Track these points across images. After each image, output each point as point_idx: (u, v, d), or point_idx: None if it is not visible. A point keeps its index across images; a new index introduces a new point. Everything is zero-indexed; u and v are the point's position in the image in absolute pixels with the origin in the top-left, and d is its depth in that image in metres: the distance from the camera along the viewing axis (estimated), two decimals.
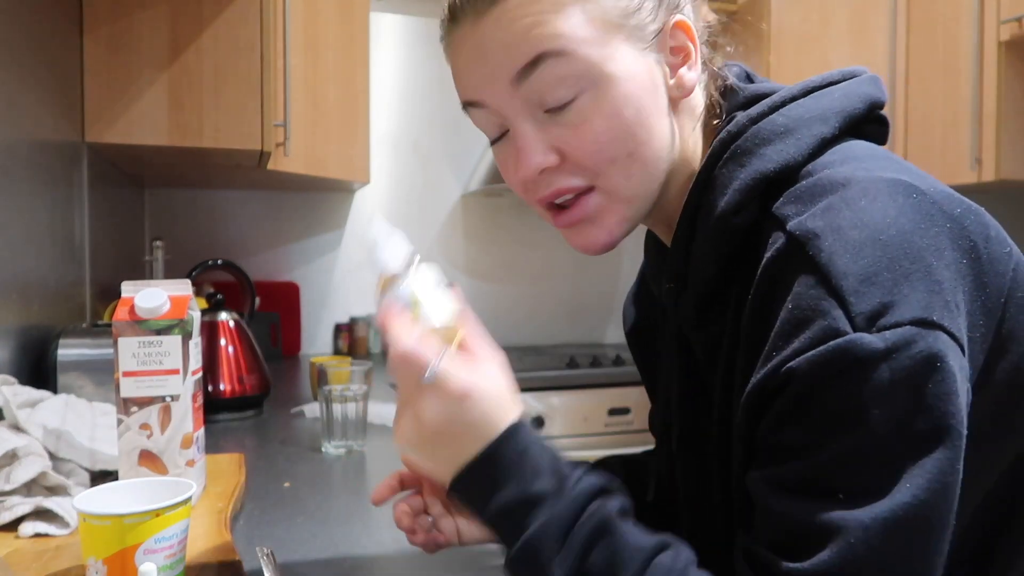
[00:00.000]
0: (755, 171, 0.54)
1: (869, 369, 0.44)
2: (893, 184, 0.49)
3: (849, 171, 0.51)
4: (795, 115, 0.56)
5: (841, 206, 0.48)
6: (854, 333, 0.45)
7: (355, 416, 1.22)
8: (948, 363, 0.45)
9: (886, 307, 0.45)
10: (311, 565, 0.76)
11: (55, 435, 0.86)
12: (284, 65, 1.92)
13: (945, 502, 0.45)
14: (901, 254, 0.46)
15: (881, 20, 2.60)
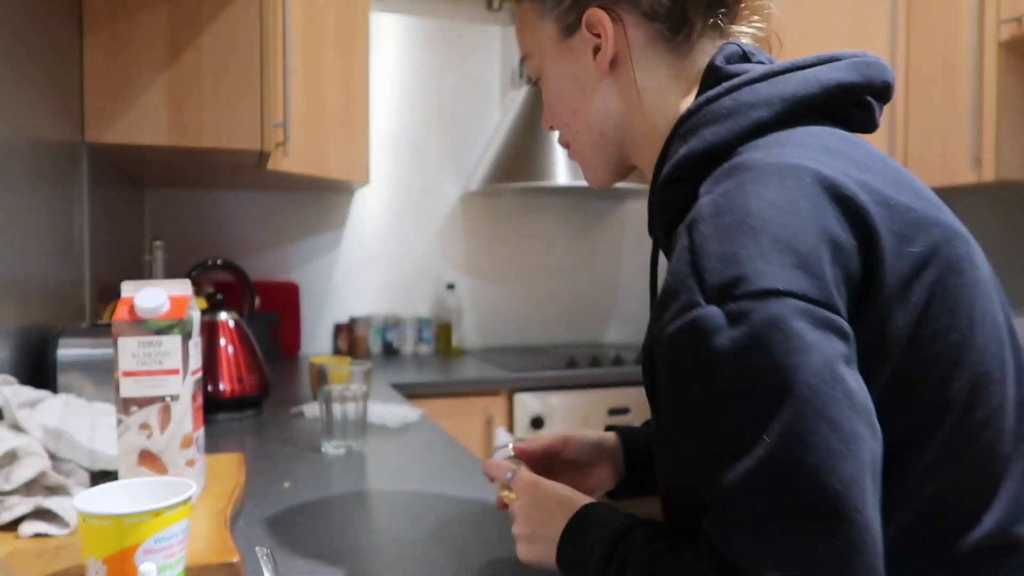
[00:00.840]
0: (689, 149, 0.60)
1: (715, 341, 0.49)
2: (788, 168, 0.53)
3: (761, 156, 0.55)
4: (742, 99, 0.60)
5: (734, 190, 0.53)
6: (705, 306, 0.50)
7: (355, 416, 1.22)
8: (792, 324, 0.48)
9: (737, 281, 0.49)
10: (311, 565, 0.76)
11: (55, 435, 0.86)
12: (284, 65, 1.92)
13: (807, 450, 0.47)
14: (764, 234, 0.50)
15: (881, 20, 2.60)
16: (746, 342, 0.48)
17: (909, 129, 2.56)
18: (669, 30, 0.66)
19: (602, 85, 0.69)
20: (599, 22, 0.67)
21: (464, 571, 0.74)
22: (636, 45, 0.67)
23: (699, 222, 0.53)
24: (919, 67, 2.51)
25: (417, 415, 1.48)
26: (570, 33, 0.69)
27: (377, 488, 1.03)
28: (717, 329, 0.49)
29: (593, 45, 0.68)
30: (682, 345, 0.51)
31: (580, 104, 0.71)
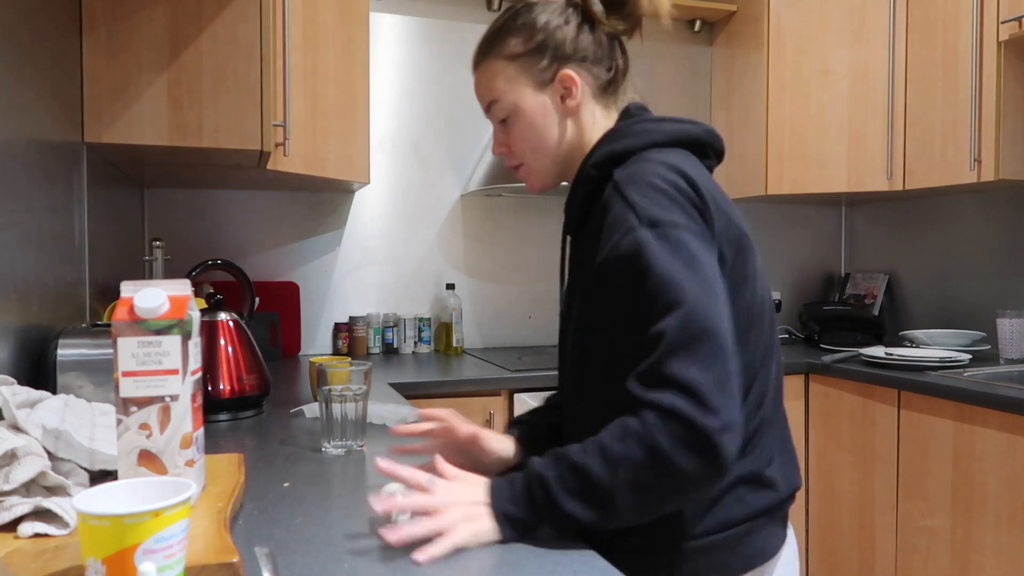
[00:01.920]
0: (610, 149, 0.96)
1: (651, 245, 0.82)
2: (669, 165, 0.90)
3: (654, 155, 0.92)
4: (646, 128, 0.97)
5: (637, 168, 0.90)
6: (640, 230, 0.84)
7: (354, 416, 1.22)
8: (688, 236, 0.83)
9: (655, 216, 0.84)
10: (310, 565, 0.76)
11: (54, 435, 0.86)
12: (284, 65, 1.92)
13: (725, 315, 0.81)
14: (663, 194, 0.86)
15: (880, 20, 2.60)
16: (669, 248, 0.82)
17: (908, 129, 2.56)
18: (604, 91, 1.02)
19: (566, 122, 1.01)
20: (570, 79, 0.99)
21: (465, 570, 0.74)
22: (586, 96, 1.01)
23: (622, 184, 0.89)
24: (918, 67, 2.51)
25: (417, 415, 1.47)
26: (543, 85, 1.00)
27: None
28: (648, 240, 0.83)
29: (561, 94, 1.00)
30: (633, 252, 0.83)
31: (548, 135, 1.01)
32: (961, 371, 2.16)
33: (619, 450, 0.76)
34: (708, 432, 0.74)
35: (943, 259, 2.84)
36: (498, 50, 1.01)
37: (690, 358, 0.76)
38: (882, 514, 2.22)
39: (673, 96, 3.05)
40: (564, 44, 0.99)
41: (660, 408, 0.75)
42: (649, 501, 0.77)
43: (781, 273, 3.22)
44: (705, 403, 0.75)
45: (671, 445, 0.74)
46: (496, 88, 1.01)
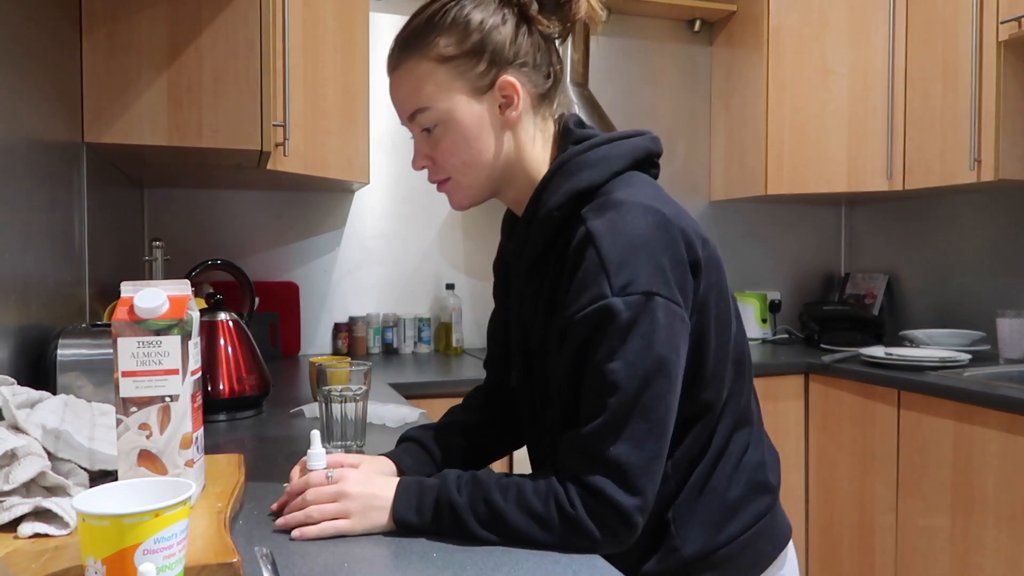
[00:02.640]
0: (572, 187, 0.88)
1: (618, 319, 0.79)
2: (645, 207, 0.84)
3: (624, 195, 0.85)
4: (601, 154, 0.90)
5: (616, 218, 0.83)
6: (612, 297, 0.80)
7: (354, 416, 1.22)
8: (656, 307, 0.80)
9: (629, 283, 0.80)
10: (310, 565, 0.76)
11: (54, 435, 0.86)
12: (283, 65, 1.92)
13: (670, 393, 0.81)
14: (642, 251, 0.81)
15: (880, 20, 2.60)
16: (635, 319, 0.79)
17: (908, 129, 2.56)
18: (541, 102, 0.93)
19: (504, 135, 0.91)
20: (511, 86, 0.89)
21: (464, 570, 0.74)
22: (526, 106, 0.91)
23: (599, 238, 0.82)
24: (918, 67, 2.51)
25: (417, 415, 1.48)
26: (482, 94, 0.89)
27: None
28: (619, 313, 0.79)
29: (500, 104, 0.90)
30: (597, 320, 0.80)
31: (484, 148, 0.91)
32: (961, 371, 2.16)
33: (539, 509, 0.80)
34: (628, 513, 0.78)
35: (943, 259, 2.84)
36: (425, 50, 0.88)
37: (623, 439, 0.79)
38: (882, 514, 2.22)
39: (673, 96, 3.05)
40: (504, 47, 0.88)
41: (587, 487, 0.79)
42: (553, 548, 0.80)
43: (781, 273, 3.22)
44: (629, 485, 0.79)
45: (589, 519, 0.78)
46: (424, 94, 0.89)
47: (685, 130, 3.08)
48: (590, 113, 2.60)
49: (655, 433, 0.80)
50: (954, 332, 2.55)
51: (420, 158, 0.94)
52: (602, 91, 2.89)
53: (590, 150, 0.90)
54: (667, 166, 3.05)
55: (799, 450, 2.50)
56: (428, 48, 0.88)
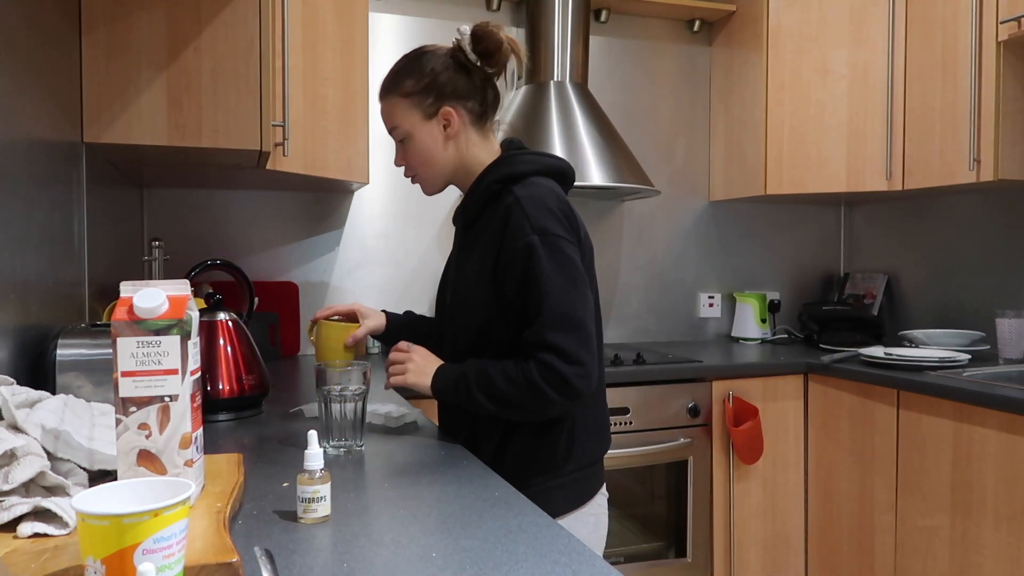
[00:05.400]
0: (507, 171, 1.29)
1: (538, 248, 1.18)
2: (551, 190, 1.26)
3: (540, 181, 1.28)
4: (530, 159, 1.31)
5: (535, 192, 1.24)
6: (532, 235, 1.19)
7: (354, 416, 1.22)
8: (563, 243, 1.20)
9: (543, 227, 1.20)
10: (309, 565, 0.76)
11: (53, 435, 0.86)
12: (283, 65, 1.92)
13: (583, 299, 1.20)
14: (550, 213, 1.21)
15: (879, 20, 2.60)
16: (549, 252, 1.18)
17: (907, 129, 2.56)
18: (479, 121, 1.33)
19: (448, 146, 1.32)
20: (449, 113, 1.30)
21: (463, 569, 0.74)
22: (464, 124, 1.31)
23: (524, 201, 1.22)
24: (917, 67, 2.52)
25: (416, 415, 1.48)
26: (430, 117, 1.30)
27: (376, 488, 1.03)
28: (537, 245, 1.18)
29: (443, 124, 1.30)
30: (526, 250, 1.19)
31: (435, 155, 1.32)
32: (960, 371, 2.16)
33: (512, 374, 1.19)
34: (569, 378, 1.16)
35: (942, 259, 2.85)
36: (397, 88, 1.30)
37: (558, 329, 1.16)
38: (881, 514, 2.22)
39: (672, 96, 3.06)
40: (445, 86, 1.29)
41: (540, 361, 1.17)
42: (524, 410, 1.20)
43: (780, 273, 3.22)
44: (569, 358, 1.16)
45: (543, 383, 1.16)
46: (395, 118, 1.31)
47: (684, 130, 3.08)
48: (590, 113, 2.60)
49: (579, 324, 1.17)
50: (953, 332, 2.55)
51: (397, 159, 1.37)
52: (602, 91, 2.89)
53: (524, 154, 1.32)
54: (666, 166, 3.05)
55: (798, 450, 2.50)
56: (399, 87, 1.30)
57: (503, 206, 1.25)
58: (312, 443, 0.92)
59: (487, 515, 0.91)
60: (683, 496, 2.39)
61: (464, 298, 1.30)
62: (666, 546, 2.40)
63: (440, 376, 1.26)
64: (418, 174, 1.35)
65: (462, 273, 1.31)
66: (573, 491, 1.29)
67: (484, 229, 1.28)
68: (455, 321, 1.32)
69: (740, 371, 2.43)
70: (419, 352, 1.30)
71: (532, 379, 1.16)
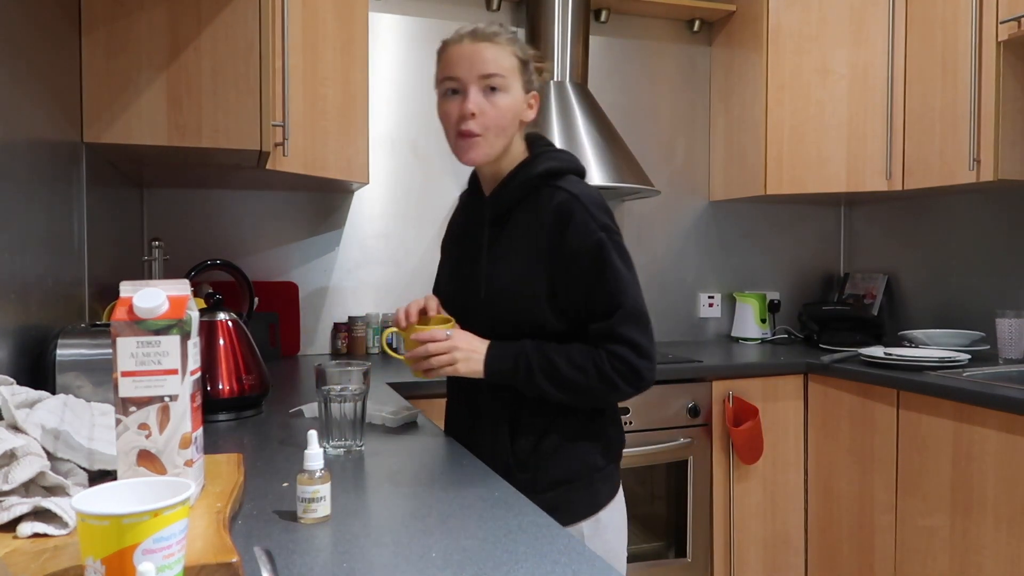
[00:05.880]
0: (547, 166, 1.27)
1: (607, 245, 1.20)
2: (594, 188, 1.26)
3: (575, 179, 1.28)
4: (563, 157, 1.31)
5: (586, 189, 1.25)
6: (600, 233, 1.20)
7: (353, 416, 1.22)
8: (620, 239, 1.23)
9: (606, 224, 1.22)
10: (309, 565, 0.76)
11: (53, 435, 0.86)
12: (283, 65, 1.92)
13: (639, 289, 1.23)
14: (604, 210, 1.24)
15: (879, 20, 2.60)
16: (618, 249, 1.22)
17: (907, 129, 2.56)
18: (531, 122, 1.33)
19: (515, 125, 1.28)
20: (536, 100, 1.31)
21: (463, 569, 0.74)
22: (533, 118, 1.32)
23: (584, 199, 1.22)
24: (917, 67, 2.52)
25: (416, 415, 1.48)
26: (526, 92, 1.29)
27: (376, 487, 1.03)
28: (606, 242, 1.20)
29: (528, 103, 1.30)
30: (597, 246, 1.20)
31: (507, 125, 1.26)
32: (960, 371, 2.16)
33: (580, 361, 1.20)
34: (640, 369, 1.20)
35: (942, 259, 2.85)
36: (512, 46, 1.26)
37: (633, 323, 1.20)
38: (881, 514, 2.22)
39: (672, 96, 3.06)
40: (535, 78, 1.31)
41: (613, 353, 1.20)
42: (587, 397, 1.22)
43: (780, 273, 3.22)
44: (642, 351, 1.20)
45: (614, 374, 1.20)
46: (504, 67, 1.24)
47: (684, 130, 3.08)
48: (590, 113, 2.60)
49: (648, 324, 1.22)
50: (953, 332, 2.55)
51: (473, 105, 1.23)
52: (602, 91, 2.89)
53: (558, 151, 1.33)
54: (666, 166, 3.05)
55: (798, 450, 2.50)
56: (508, 45, 1.26)
57: (552, 200, 1.23)
58: (312, 443, 0.92)
59: (487, 515, 0.91)
60: (683, 496, 2.39)
61: (508, 293, 1.25)
62: (666, 546, 2.40)
63: (494, 357, 1.22)
64: (484, 134, 1.24)
65: (507, 266, 1.26)
66: (611, 482, 1.30)
67: (527, 222, 1.25)
68: (491, 315, 1.27)
69: (740, 371, 2.43)
70: (460, 337, 1.23)
71: (604, 370, 1.19)
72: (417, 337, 1.22)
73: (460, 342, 1.22)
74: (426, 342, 1.22)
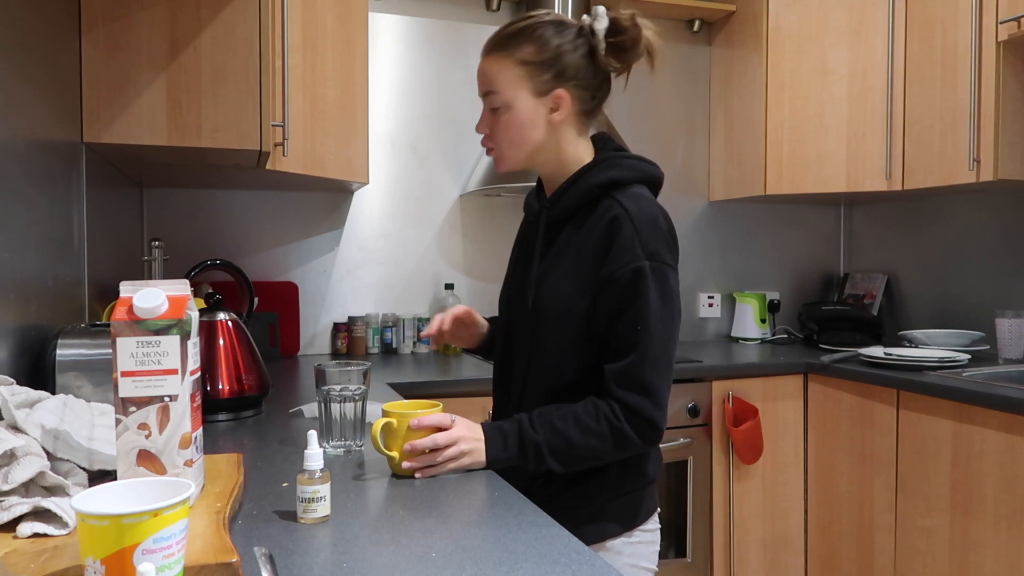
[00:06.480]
0: (608, 175, 1.18)
1: (647, 275, 1.09)
2: (658, 206, 1.17)
3: (641, 192, 1.18)
4: (631, 164, 1.20)
5: (644, 207, 1.14)
6: (643, 261, 1.10)
7: (353, 416, 1.22)
8: (669, 272, 1.12)
9: (655, 252, 1.11)
10: (309, 565, 0.76)
11: (53, 435, 0.86)
12: (283, 65, 1.92)
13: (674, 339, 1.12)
14: (659, 234, 1.12)
15: (879, 20, 2.60)
16: (658, 282, 1.10)
17: (907, 129, 2.56)
18: (586, 114, 1.21)
19: (546, 129, 1.19)
20: (561, 97, 1.17)
21: (463, 569, 0.74)
22: (570, 114, 1.18)
23: (636, 218, 1.12)
24: (917, 67, 2.52)
25: None
26: (540, 95, 1.17)
27: (376, 487, 1.03)
28: (647, 272, 1.09)
29: (551, 107, 1.17)
30: (634, 274, 1.09)
31: (530, 136, 1.18)
32: (960, 371, 2.16)
33: (592, 425, 1.09)
34: (658, 424, 1.10)
35: (942, 259, 2.85)
36: (511, 50, 1.16)
37: (655, 370, 1.09)
38: (881, 514, 2.22)
39: (672, 96, 3.06)
40: (568, 67, 1.16)
41: (627, 405, 1.09)
42: (601, 459, 1.12)
43: (780, 273, 3.22)
44: (658, 403, 1.09)
45: (631, 429, 1.09)
46: (498, 82, 1.17)
47: (684, 130, 3.08)
48: None
49: (669, 370, 1.11)
50: (953, 332, 2.55)
51: (482, 125, 1.22)
52: None
53: (624, 158, 1.21)
54: (666, 166, 3.05)
55: (798, 450, 2.50)
56: (515, 50, 1.16)
57: (607, 214, 1.13)
58: (312, 443, 0.92)
59: (487, 515, 0.91)
60: (683, 496, 2.39)
61: (553, 310, 1.17)
62: (666, 546, 2.40)
63: (496, 447, 1.10)
64: (501, 149, 1.20)
65: (554, 278, 1.18)
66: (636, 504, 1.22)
67: (580, 234, 1.17)
68: (534, 329, 1.19)
69: (740, 371, 2.43)
70: (460, 426, 1.10)
71: (622, 431, 1.08)
72: (420, 423, 1.06)
73: (463, 431, 1.09)
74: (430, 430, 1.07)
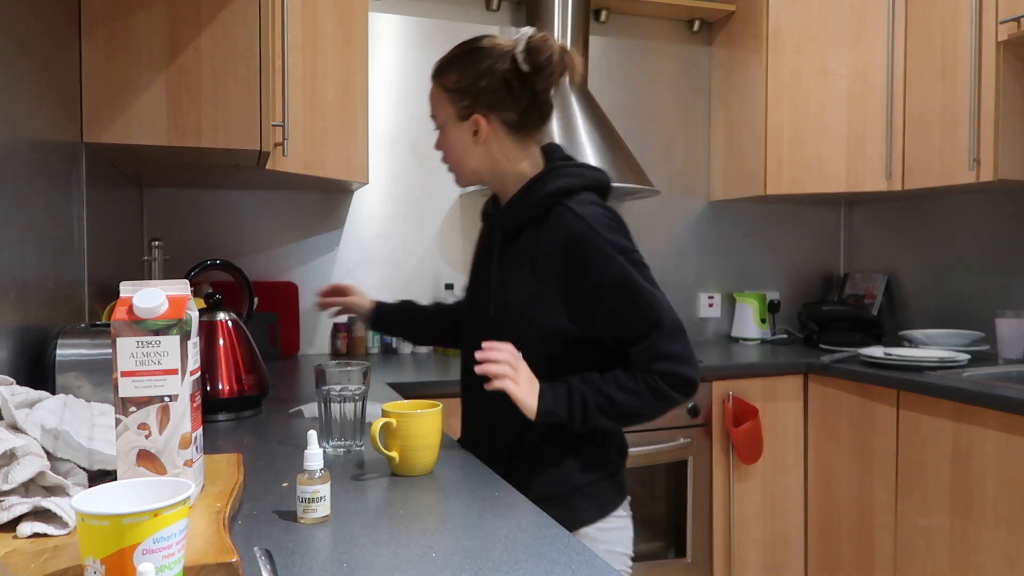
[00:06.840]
0: (557, 185, 1.25)
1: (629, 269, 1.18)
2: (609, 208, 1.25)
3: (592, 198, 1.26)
4: (578, 173, 1.27)
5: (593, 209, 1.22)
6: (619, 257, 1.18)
7: (353, 416, 1.22)
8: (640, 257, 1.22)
9: (623, 247, 1.19)
10: (309, 565, 0.76)
11: (53, 435, 0.86)
12: (283, 65, 1.92)
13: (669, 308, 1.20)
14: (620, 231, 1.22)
15: (879, 20, 2.60)
16: (639, 269, 1.19)
17: (907, 129, 2.56)
18: (516, 131, 1.26)
19: (476, 149, 1.28)
20: (478, 121, 1.25)
21: (463, 569, 0.74)
22: (496, 134, 1.26)
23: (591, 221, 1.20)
24: (917, 67, 2.52)
25: None
26: (462, 119, 1.26)
27: (376, 488, 1.03)
28: (627, 266, 1.18)
29: (472, 130, 1.26)
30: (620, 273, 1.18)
31: (464, 156, 1.29)
32: (960, 371, 2.16)
33: (632, 386, 1.19)
34: (689, 376, 1.20)
35: (942, 259, 2.85)
36: (442, 77, 1.27)
37: (673, 339, 1.19)
38: (881, 514, 2.22)
39: (672, 96, 3.06)
40: (483, 92, 1.24)
41: (659, 372, 1.19)
42: (644, 418, 1.22)
43: (780, 273, 3.22)
44: (685, 359, 1.20)
45: (670, 389, 1.19)
46: (433, 106, 1.30)
47: (684, 130, 3.08)
48: (590, 113, 2.60)
49: (681, 328, 1.20)
50: (953, 332, 2.55)
51: (437, 145, 1.33)
52: (602, 91, 2.89)
53: (572, 167, 1.28)
54: (666, 166, 3.05)
55: (798, 450, 2.50)
56: (444, 78, 1.27)
57: (561, 221, 1.21)
58: (312, 443, 0.92)
59: (487, 515, 0.91)
60: (683, 496, 2.39)
61: (516, 316, 1.24)
62: (666, 546, 2.40)
63: (547, 400, 1.18)
64: (450, 167, 1.32)
65: (510, 287, 1.26)
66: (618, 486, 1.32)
67: (536, 241, 1.24)
68: (498, 335, 1.23)
69: (740, 371, 2.43)
70: (526, 367, 1.20)
71: (659, 389, 1.19)
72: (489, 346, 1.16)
73: (525, 369, 1.19)
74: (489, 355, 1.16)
